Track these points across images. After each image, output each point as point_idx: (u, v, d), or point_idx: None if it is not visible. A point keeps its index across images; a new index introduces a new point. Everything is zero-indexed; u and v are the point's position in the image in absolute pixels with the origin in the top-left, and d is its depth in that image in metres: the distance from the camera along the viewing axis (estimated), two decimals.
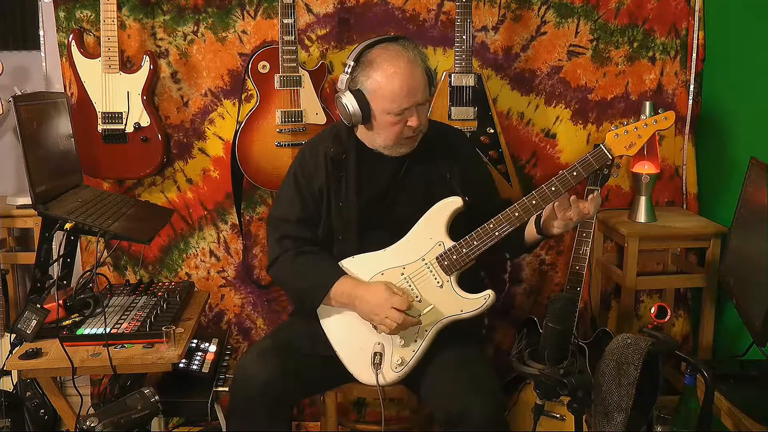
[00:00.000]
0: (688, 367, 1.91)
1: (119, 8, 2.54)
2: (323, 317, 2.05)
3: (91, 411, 1.70)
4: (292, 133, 2.55)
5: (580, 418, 1.81)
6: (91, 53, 2.58)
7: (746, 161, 2.11)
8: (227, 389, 2.10)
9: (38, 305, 2.01)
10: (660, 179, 2.74)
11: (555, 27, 2.68)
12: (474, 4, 2.57)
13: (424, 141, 2.04)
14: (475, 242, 1.93)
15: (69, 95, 2.61)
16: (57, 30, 2.64)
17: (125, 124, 2.55)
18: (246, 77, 2.57)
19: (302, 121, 2.55)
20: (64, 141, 2.29)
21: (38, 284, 2.12)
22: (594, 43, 2.70)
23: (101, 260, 2.17)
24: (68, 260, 2.26)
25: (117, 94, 2.55)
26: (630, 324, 2.57)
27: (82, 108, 2.55)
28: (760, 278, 1.86)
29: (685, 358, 1.92)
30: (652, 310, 2.11)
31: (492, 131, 2.56)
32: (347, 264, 2.02)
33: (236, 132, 2.57)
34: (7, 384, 2.44)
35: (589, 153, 1.89)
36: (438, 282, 1.96)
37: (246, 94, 2.66)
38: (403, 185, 2.05)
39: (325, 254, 2.06)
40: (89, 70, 2.54)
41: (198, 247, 2.81)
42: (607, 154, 1.88)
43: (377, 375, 1.93)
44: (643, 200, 2.58)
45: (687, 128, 2.73)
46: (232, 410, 1.98)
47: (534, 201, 1.90)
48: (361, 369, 1.99)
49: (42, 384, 2.11)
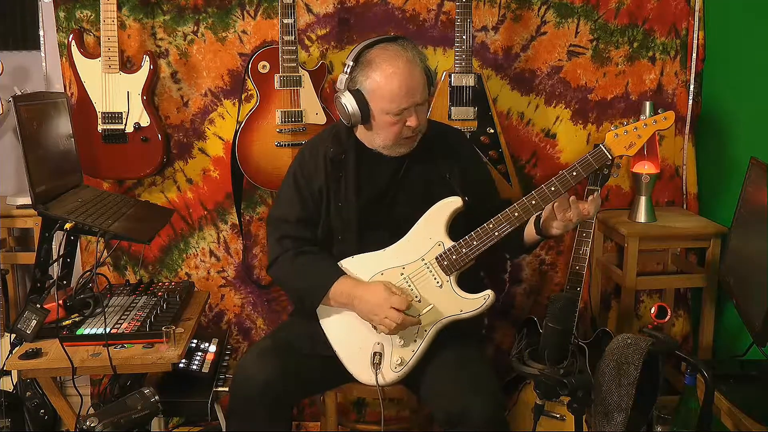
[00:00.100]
0: (688, 367, 1.91)
1: (119, 8, 2.54)
2: (323, 317, 2.05)
3: (91, 411, 1.70)
4: (292, 133, 2.55)
5: (580, 418, 1.81)
6: (91, 53, 2.58)
7: (746, 161, 2.11)
8: (227, 389, 2.10)
9: (38, 305, 2.01)
10: (660, 179, 2.74)
11: (555, 27, 2.68)
12: (474, 4, 2.57)
13: (424, 141, 2.04)
14: (475, 242, 1.93)
15: (69, 95, 2.61)
16: (57, 30, 2.64)
17: (125, 124, 2.55)
18: (246, 77, 2.57)
19: (302, 121, 2.55)
20: (64, 141, 2.29)
21: (38, 284, 2.12)
22: (594, 43, 2.70)
23: (101, 260, 2.17)
24: (68, 260, 2.26)
25: (117, 94, 2.55)
26: (630, 324, 2.57)
27: (82, 108, 2.55)
28: (760, 278, 1.86)
29: (685, 358, 1.92)
30: (652, 310, 2.11)
31: (492, 131, 2.56)
32: (347, 264, 2.02)
33: (236, 132, 2.57)
34: (7, 384, 2.44)
35: (589, 153, 1.89)
36: (437, 282, 1.96)
37: (246, 94, 2.66)
38: (403, 185, 2.05)
39: (325, 254, 2.06)
40: (89, 70, 2.54)
41: (198, 247, 2.81)
42: (607, 154, 1.88)
43: (377, 375, 1.93)
44: (643, 200, 2.57)
45: (687, 128, 2.73)
46: (232, 410, 1.98)
47: (534, 201, 1.90)
48: (361, 369, 1.99)
49: (42, 384, 2.11)
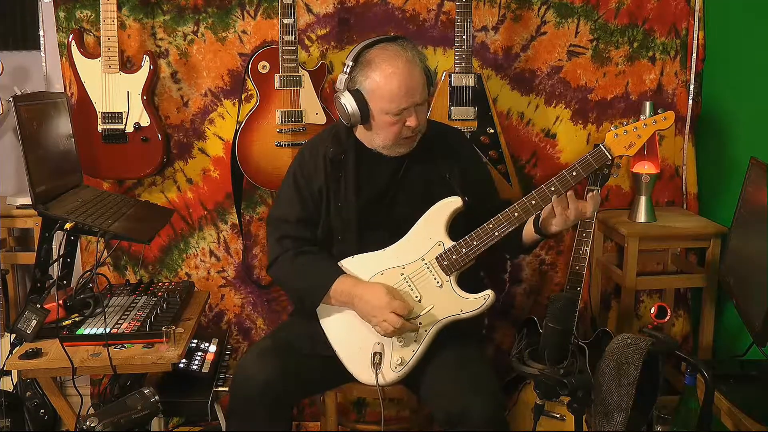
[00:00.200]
0: (688, 367, 1.90)
1: (119, 8, 2.54)
2: (323, 317, 2.05)
3: (91, 411, 1.70)
4: (292, 133, 2.55)
5: (580, 418, 1.81)
6: (91, 53, 2.58)
7: (746, 161, 2.11)
8: (227, 389, 2.10)
9: (38, 305, 2.00)
10: (660, 179, 2.74)
11: (555, 27, 2.68)
12: (474, 4, 2.57)
13: (424, 141, 2.04)
14: (475, 242, 1.93)
15: (69, 95, 2.61)
16: (57, 30, 2.64)
17: (125, 124, 2.55)
18: (246, 77, 2.57)
19: (302, 121, 2.55)
20: (64, 141, 2.29)
21: (38, 284, 2.12)
22: (594, 43, 2.70)
23: (101, 260, 2.17)
24: (68, 260, 2.26)
25: (117, 94, 2.55)
26: (630, 324, 2.57)
27: (82, 108, 2.55)
28: (760, 278, 1.86)
29: (685, 358, 1.92)
30: (652, 310, 2.11)
31: (492, 131, 2.56)
32: (347, 264, 2.02)
33: (236, 132, 2.57)
34: (7, 384, 2.44)
35: (589, 153, 1.89)
36: (438, 282, 1.96)
37: (246, 94, 2.66)
38: (403, 185, 2.05)
39: (325, 254, 2.06)
40: (89, 70, 2.54)
41: (198, 247, 2.81)
42: (607, 154, 1.88)
43: (377, 375, 1.93)
44: (643, 200, 2.57)
45: (687, 128, 2.73)
46: (232, 410, 1.98)
47: (534, 201, 1.90)
48: (361, 369, 1.99)
49: (42, 384, 2.11)
